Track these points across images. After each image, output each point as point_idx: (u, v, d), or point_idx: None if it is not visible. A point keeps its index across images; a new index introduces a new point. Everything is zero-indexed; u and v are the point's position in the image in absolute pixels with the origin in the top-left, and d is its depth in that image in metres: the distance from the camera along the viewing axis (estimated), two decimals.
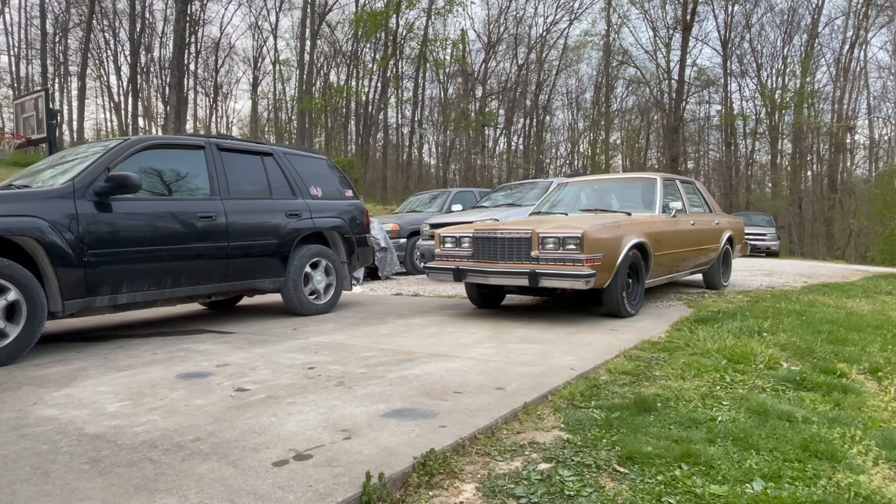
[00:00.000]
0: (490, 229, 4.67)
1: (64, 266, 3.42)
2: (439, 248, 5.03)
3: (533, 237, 4.41)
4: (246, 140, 5.28)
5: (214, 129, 38.64)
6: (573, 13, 35.19)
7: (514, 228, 4.55)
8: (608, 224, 4.50)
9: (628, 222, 4.76)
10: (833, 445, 2.05)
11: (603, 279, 4.32)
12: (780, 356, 3.37)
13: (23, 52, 32.26)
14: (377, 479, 1.69)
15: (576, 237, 4.20)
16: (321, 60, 34.62)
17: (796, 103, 31.40)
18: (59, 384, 2.84)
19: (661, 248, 5.05)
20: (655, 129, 39.60)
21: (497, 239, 4.60)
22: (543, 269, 4.30)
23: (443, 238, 5.01)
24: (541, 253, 4.37)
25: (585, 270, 4.15)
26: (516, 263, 4.48)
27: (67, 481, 1.74)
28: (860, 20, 30.06)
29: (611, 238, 4.38)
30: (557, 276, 4.21)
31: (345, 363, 3.22)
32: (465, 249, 4.83)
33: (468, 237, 4.81)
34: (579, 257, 4.18)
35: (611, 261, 4.33)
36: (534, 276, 4.27)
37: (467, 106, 34.52)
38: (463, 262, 4.81)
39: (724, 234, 6.55)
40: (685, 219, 5.72)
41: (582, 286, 4.15)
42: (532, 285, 4.31)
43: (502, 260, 4.57)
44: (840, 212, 29.64)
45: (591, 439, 2.11)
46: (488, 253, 4.66)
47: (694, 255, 5.85)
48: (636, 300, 4.80)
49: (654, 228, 5.01)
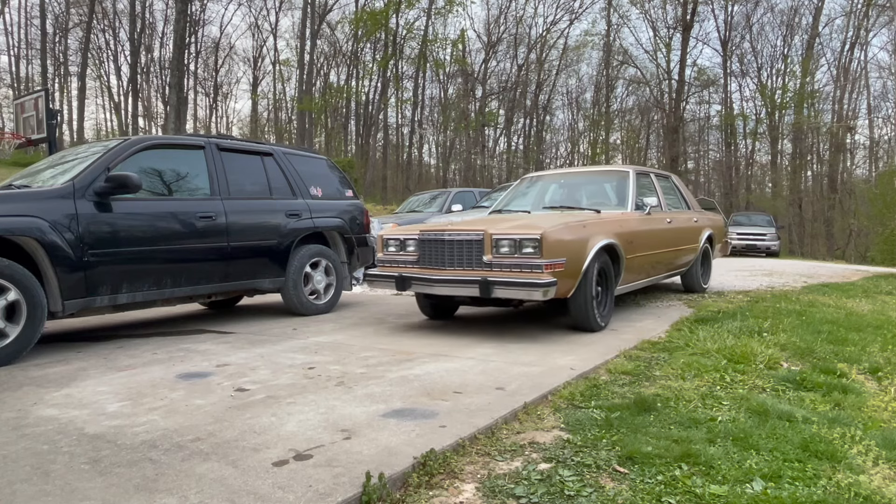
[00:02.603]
0: (437, 230, 4.07)
1: (64, 266, 3.42)
2: (382, 253, 4.40)
3: (485, 239, 3.80)
4: (246, 140, 5.29)
5: (214, 129, 38.64)
6: (573, 13, 35.21)
7: (463, 229, 3.93)
8: (572, 223, 3.94)
9: (596, 221, 4.21)
10: (833, 445, 2.05)
11: (566, 287, 3.78)
12: (780, 356, 3.37)
13: (23, 52, 32.30)
14: (377, 479, 1.69)
15: (534, 239, 3.63)
16: (321, 60, 34.63)
17: (796, 103, 31.39)
18: (59, 384, 2.84)
19: (635, 249, 4.53)
20: (655, 129, 39.60)
21: (444, 241, 3.98)
22: (497, 276, 3.69)
23: (385, 241, 4.39)
24: (494, 257, 3.77)
25: (545, 278, 3.57)
26: (466, 270, 3.87)
27: (67, 481, 1.74)
28: (860, 20, 30.06)
29: (575, 240, 3.84)
30: (512, 284, 3.59)
31: (345, 363, 3.22)
32: (410, 254, 4.20)
33: (413, 239, 4.19)
34: (538, 262, 3.61)
35: (575, 266, 3.79)
36: (485, 286, 3.65)
37: (467, 106, 34.53)
38: (407, 269, 4.19)
39: (703, 233, 6.10)
40: (661, 216, 5.22)
41: (539, 297, 3.54)
42: (483, 296, 3.69)
43: (450, 266, 3.94)
44: (840, 212, 29.63)
45: (591, 439, 2.11)
46: (435, 258, 4.03)
47: (671, 257, 5.37)
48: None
49: (626, 228, 4.49)
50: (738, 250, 18.50)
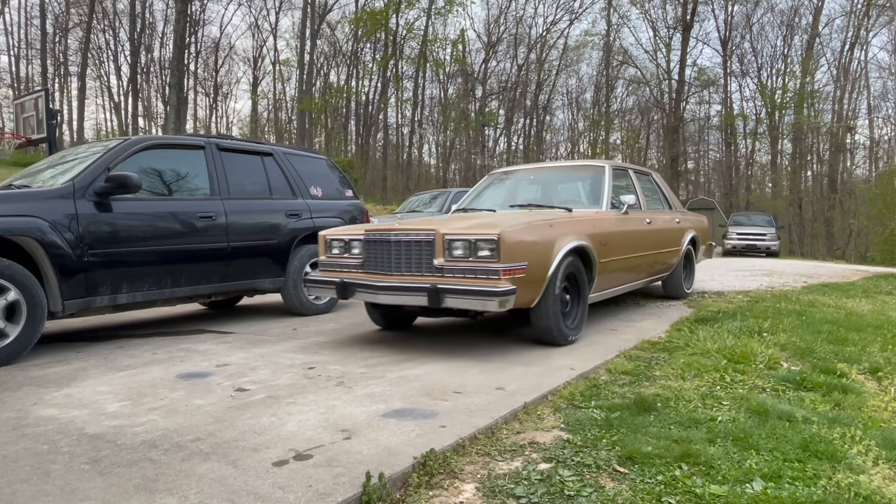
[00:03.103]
0: (383, 230, 3.60)
1: (64, 266, 3.42)
2: (325, 255, 3.96)
3: (436, 240, 3.32)
4: (246, 140, 5.28)
5: (214, 129, 38.65)
6: (573, 13, 35.27)
7: (412, 229, 3.48)
8: (536, 223, 3.49)
9: (565, 220, 3.76)
10: (833, 445, 2.05)
11: (529, 296, 3.33)
12: (780, 356, 3.37)
13: (23, 52, 32.32)
14: (377, 479, 1.69)
15: (490, 240, 3.16)
16: (321, 60, 34.65)
17: (796, 103, 31.41)
18: (59, 384, 2.84)
19: (609, 252, 4.11)
20: (655, 129, 39.62)
21: (391, 243, 3.52)
22: (448, 283, 3.22)
23: (328, 242, 3.93)
24: (446, 261, 3.29)
25: (502, 285, 3.08)
26: (415, 276, 3.39)
27: (67, 481, 1.74)
28: (860, 20, 30.07)
29: (539, 241, 3.39)
30: (464, 293, 3.10)
31: (345, 363, 3.22)
32: (356, 257, 3.76)
33: (358, 240, 3.75)
34: (494, 267, 3.12)
35: (539, 271, 3.35)
36: (434, 294, 3.17)
37: (467, 106, 34.54)
38: (351, 274, 3.73)
39: (685, 235, 5.75)
40: (639, 216, 4.83)
41: (495, 308, 3.06)
42: (432, 305, 3.20)
43: (398, 271, 3.48)
44: (840, 212, 29.64)
45: (591, 439, 2.11)
46: (381, 261, 3.57)
47: (651, 260, 4.98)
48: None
49: (600, 228, 4.08)
50: (738, 250, 18.50)
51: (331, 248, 3.93)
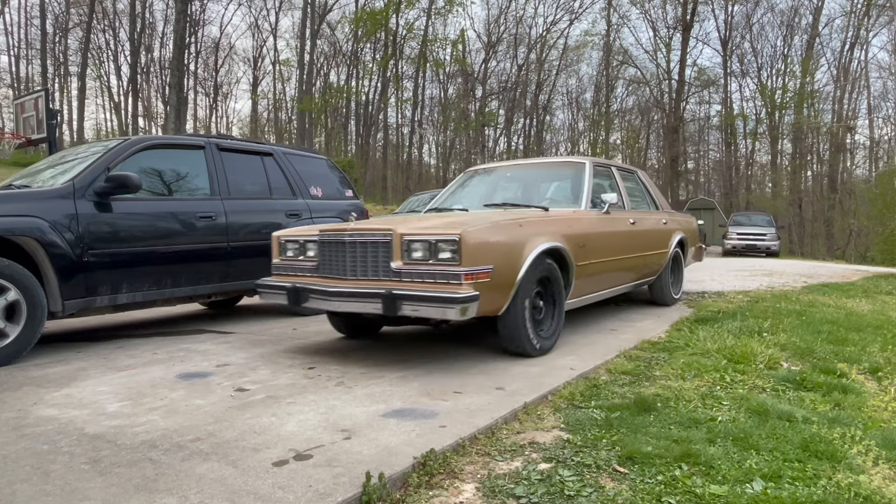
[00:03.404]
0: (337, 230, 3.31)
1: (64, 266, 3.42)
2: (278, 258, 3.65)
3: (393, 241, 3.02)
4: (246, 140, 5.29)
5: (214, 129, 38.66)
6: (573, 13, 35.28)
7: (368, 228, 3.18)
8: (504, 222, 3.19)
9: (538, 220, 3.47)
10: (833, 445, 2.05)
11: (495, 302, 3.04)
12: (780, 356, 3.37)
13: (23, 52, 32.31)
14: (377, 479, 1.69)
15: (450, 240, 2.86)
16: (321, 60, 34.66)
17: (796, 103, 31.43)
18: (59, 384, 2.84)
19: (588, 255, 3.82)
20: (655, 129, 39.64)
21: (345, 244, 3.22)
22: (406, 288, 2.92)
23: (282, 243, 3.64)
24: (405, 264, 2.99)
25: (463, 291, 2.77)
26: (371, 280, 3.09)
27: (67, 481, 1.74)
28: (860, 20, 30.08)
29: (507, 242, 3.09)
30: (422, 299, 2.81)
31: (345, 363, 3.22)
32: (311, 259, 3.46)
33: (313, 241, 3.45)
34: (455, 270, 2.82)
35: (507, 275, 3.05)
36: (390, 301, 2.87)
37: (467, 106, 34.55)
38: (304, 278, 3.42)
39: (673, 237, 5.43)
40: (622, 216, 4.53)
41: (455, 316, 2.74)
42: (387, 313, 2.90)
43: (353, 275, 3.17)
44: (840, 212, 29.65)
45: (591, 439, 2.11)
46: (336, 265, 3.28)
47: (635, 264, 4.67)
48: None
49: (577, 228, 3.78)
50: (738, 250, 18.51)
51: (285, 249, 3.63)
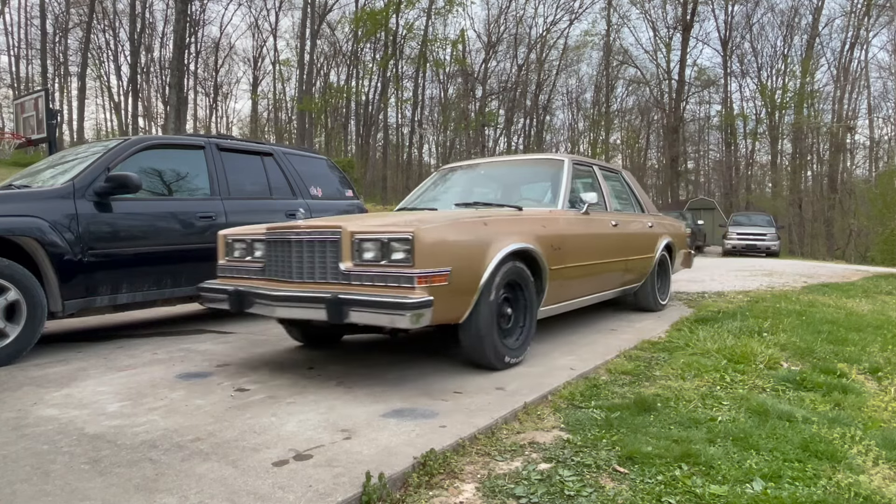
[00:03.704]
0: (284, 228, 3.01)
1: (64, 266, 3.42)
2: (224, 259, 3.36)
3: (343, 240, 2.72)
4: (246, 140, 5.29)
5: (214, 129, 38.66)
6: (573, 13, 35.28)
7: (316, 226, 2.87)
8: (465, 220, 2.89)
9: (505, 219, 3.20)
10: (833, 445, 2.05)
11: (454, 309, 2.75)
12: (780, 356, 3.37)
13: (23, 52, 32.32)
14: (377, 479, 1.69)
15: (403, 239, 2.57)
16: (321, 60, 34.66)
17: (796, 103, 31.44)
18: (59, 384, 2.84)
19: (564, 258, 3.55)
20: (655, 129, 39.66)
21: (291, 243, 2.92)
22: (354, 292, 2.59)
23: (229, 243, 3.35)
24: (355, 265, 2.68)
25: (415, 296, 2.46)
26: (318, 284, 2.79)
27: (67, 481, 1.74)
28: (860, 20, 30.09)
29: (469, 242, 2.80)
30: (370, 304, 2.49)
31: (345, 363, 3.22)
32: (258, 260, 3.15)
33: (261, 241, 3.15)
34: (408, 273, 2.52)
35: (469, 279, 2.75)
36: (335, 306, 2.56)
37: (467, 106, 34.54)
38: (248, 281, 3.13)
39: (659, 241, 5.16)
40: (603, 218, 4.26)
41: (407, 324, 2.43)
42: (332, 320, 2.58)
43: (299, 277, 2.87)
44: (840, 212, 29.66)
45: (591, 439, 2.11)
46: (282, 266, 2.97)
47: (617, 268, 4.39)
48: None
49: (552, 229, 3.50)
50: (738, 250, 18.52)
51: (232, 249, 3.33)
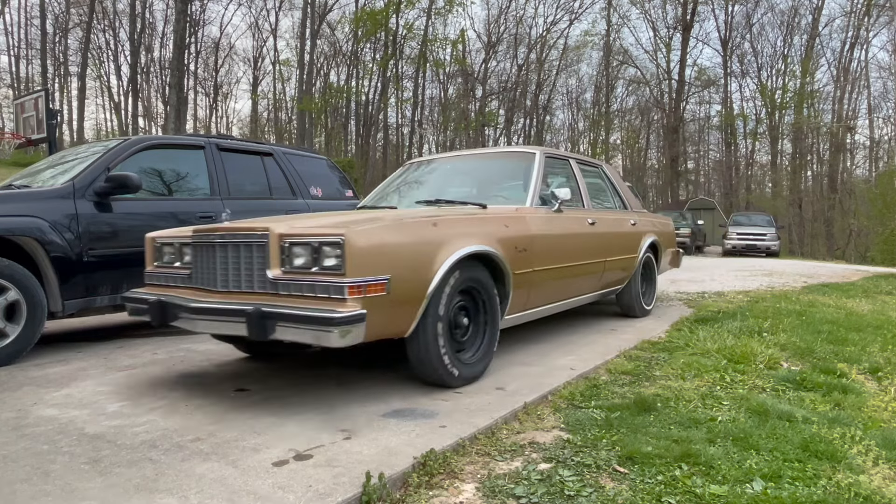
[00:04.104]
0: (209, 230, 2.65)
1: (64, 266, 3.42)
2: (152, 265, 3.00)
3: (270, 243, 2.36)
4: (246, 140, 5.29)
5: (214, 129, 38.66)
6: (573, 13, 35.25)
7: (241, 227, 2.51)
8: (410, 220, 2.55)
9: (462, 219, 2.85)
10: (833, 445, 2.05)
11: (396, 322, 2.41)
12: (780, 356, 3.37)
13: (23, 52, 32.29)
14: (377, 479, 1.69)
15: (333, 242, 2.23)
16: (321, 60, 34.63)
17: (796, 103, 31.44)
18: (59, 384, 2.84)
19: (532, 261, 3.21)
20: (655, 129, 39.66)
21: (215, 247, 2.56)
22: (281, 305, 2.26)
23: (158, 247, 2.98)
24: (284, 273, 2.33)
25: (346, 308, 2.14)
26: (243, 294, 2.44)
27: (67, 481, 1.74)
28: (860, 20, 30.09)
29: (413, 245, 2.46)
30: (295, 319, 2.17)
31: (345, 363, 3.22)
32: (186, 266, 2.80)
33: (189, 245, 2.79)
34: (338, 282, 2.18)
35: (413, 287, 2.41)
36: (257, 321, 2.22)
37: (467, 106, 34.53)
38: (175, 290, 2.77)
39: (643, 240, 4.77)
40: (579, 215, 3.92)
41: (336, 342, 2.11)
42: (254, 336, 2.25)
43: (224, 286, 2.51)
44: (840, 212, 29.66)
45: (591, 439, 2.11)
46: (207, 273, 2.61)
47: (595, 271, 4.03)
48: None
49: (517, 229, 3.16)
50: (738, 250, 18.53)
51: (162, 254, 2.96)
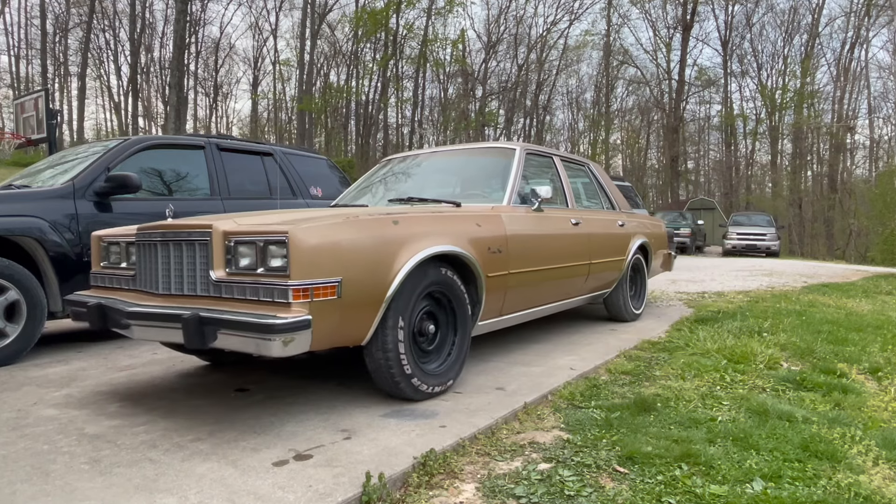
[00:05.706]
0: (152, 228, 2.45)
1: (64, 266, 3.42)
2: (98, 266, 2.81)
3: (213, 242, 2.15)
4: (246, 140, 5.29)
5: (214, 129, 38.66)
6: (573, 13, 35.23)
7: (183, 225, 2.31)
8: (365, 218, 2.31)
9: (429, 217, 2.64)
10: (833, 445, 2.05)
11: (349, 329, 2.20)
12: (780, 356, 3.37)
13: (23, 52, 32.29)
14: (377, 479, 1.69)
15: (278, 241, 2.03)
16: (321, 60, 34.63)
17: (796, 103, 31.45)
18: (59, 384, 2.84)
19: (507, 263, 2.99)
20: (655, 129, 39.67)
21: (157, 246, 2.37)
22: (223, 308, 2.08)
23: (105, 246, 2.78)
24: (228, 275, 2.13)
25: (290, 314, 1.93)
26: (185, 298, 2.25)
27: (67, 481, 1.74)
28: (860, 20, 30.10)
29: (369, 245, 2.24)
30: (235, 325, 1.96)
31: (345, 363, 3.22)
32: (131, 267, 2.59)
33: (132, 242, 2.60)
34: (281, 285, 1.98)
35: (369, 291, 2.21)
36: (195, 327, 2.01)
37: (467, 106, 34.52)
38: (116, 293, 2.60)
39: (632, 242, 4.52)
40: (562, 215, 3.70)
41: (278, 351, 1.91)
42: (192, 345, 2.04)
43: (165, 288, 2.32)
44: (840, 212, 29.65)
45: (591, 439, 2.11)
46: (149, 274, 2.41)
47: (578, 274, 3.78)
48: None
49: (490, 229, 2.93)
50: (738, 250, 18.53)
51: (108, 254, 2.75)
